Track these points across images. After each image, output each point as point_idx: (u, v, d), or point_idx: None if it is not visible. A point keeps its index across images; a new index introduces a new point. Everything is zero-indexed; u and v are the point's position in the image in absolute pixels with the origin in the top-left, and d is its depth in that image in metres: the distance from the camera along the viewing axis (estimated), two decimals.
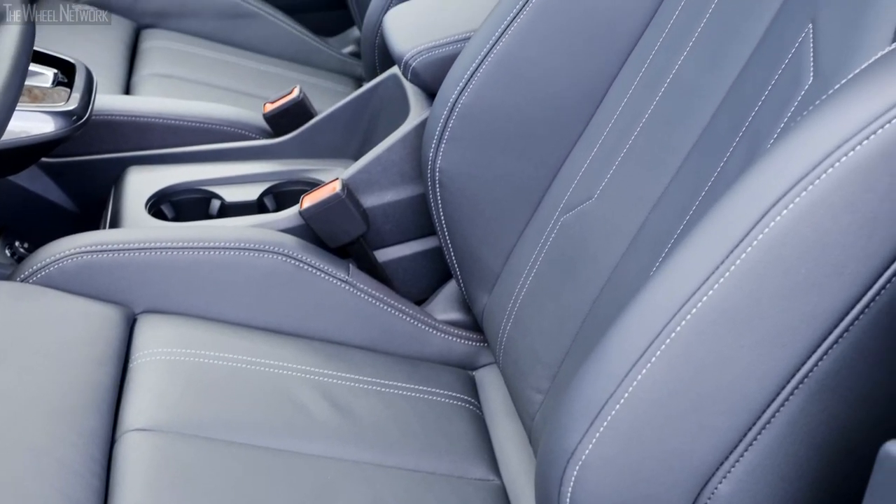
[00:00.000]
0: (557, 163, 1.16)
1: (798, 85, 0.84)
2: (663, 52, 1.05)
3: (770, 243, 0.68)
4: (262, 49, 1.95)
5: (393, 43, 1.33)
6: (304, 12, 2.16)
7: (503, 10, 1.16)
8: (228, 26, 1.94)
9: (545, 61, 1.15)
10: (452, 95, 1.17)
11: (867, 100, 0.68)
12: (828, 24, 0.84)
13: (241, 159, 1.46)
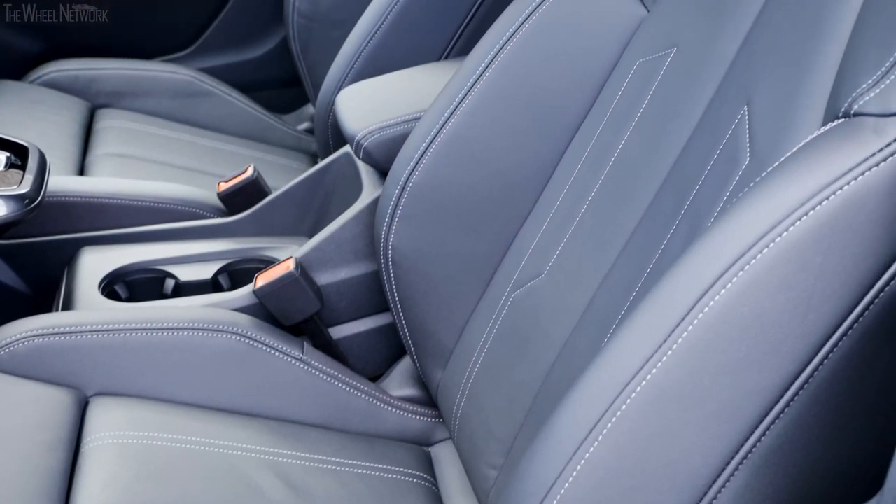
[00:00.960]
0: (508, 239, 1.18)
1: (735, 165, 0.86)
2: (608, 131, 1.08)
3: (710, 322, 0.70)
4: (217, 127, 1.97)
5: (345, 123, 1.36)
6: (260, 90, 2.19)
7: (452, 91, 1.18)
8: (184, 105, 1.96)
9: (494, 140, 1.17)
10: (404, 174, 1.19)
11: (798, 182, 0.70)
12: (762, 107, 0.86)
13: (195, 238, 1.46)
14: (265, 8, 2.17)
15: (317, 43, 1.99)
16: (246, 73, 2.20)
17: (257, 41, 2.21)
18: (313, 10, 1.96)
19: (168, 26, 2.17)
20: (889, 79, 0.70)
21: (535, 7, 1.16)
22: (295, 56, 2.02)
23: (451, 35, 1.53)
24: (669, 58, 1.03)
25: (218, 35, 2.18)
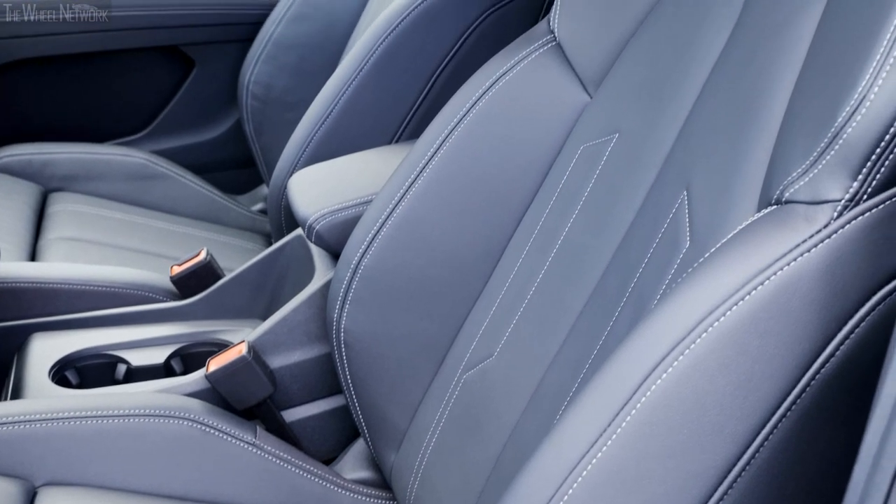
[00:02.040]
0: (459, 321, 1.19)
1: (676, 249, 0.89)
2: (554, 214, 1.10)
3: (654, 405, 0.71)
4: (171, 209, 1.98)
5: (297, 206, 1.37)
6: (214, 171, 2.20)
7: (402, 175, 1.20)
8: (138, 188, 1.96)
9: (443, 223, 1.19)
10: (355, 257, 1.20)
11: (734, 268, 0.72)
12: (700, 192, 0.89)
13: (148, 322, 1.46)
14: (219, 90, 2.20)
15: (270, 125, 2.01)
16: (200, 154, 2.22)
17: (211, 123, 2.23)
18: (266, 92, 1.98)
19: (122, 109, 2.18)
20: (817, 167, 0.73)
21: (483, 92, 1.19)
22: (249, 138, 2.04)
23: (401, 118, 1.56)
24: (612, 143, 1.06)
25: (172, 117, 2.20)
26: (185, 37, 2.13)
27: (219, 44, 2.16)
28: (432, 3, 1.50)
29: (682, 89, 0.98)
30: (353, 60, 1.55)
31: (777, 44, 0.85)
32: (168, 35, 2.11)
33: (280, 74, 1.97)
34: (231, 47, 2.15)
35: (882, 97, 0.69)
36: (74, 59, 2.09)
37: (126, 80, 2.15)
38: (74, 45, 2.06)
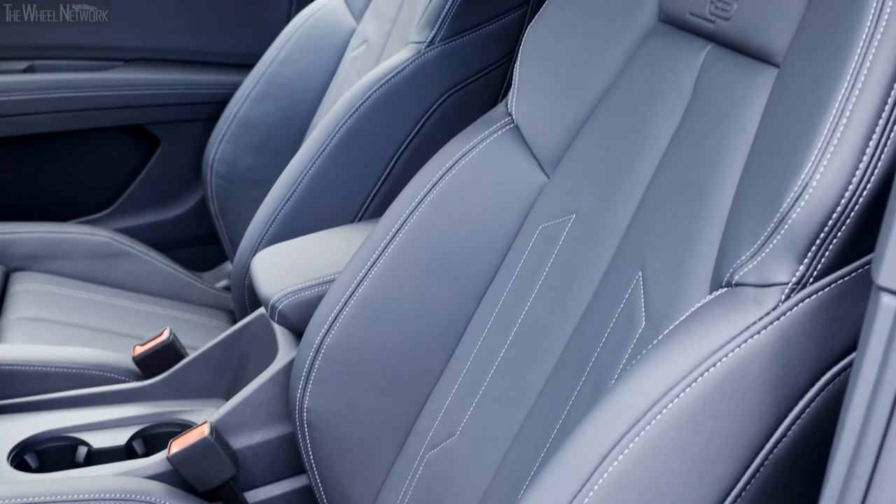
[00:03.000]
0: (421, 400, 1.19)
1: (633, 329, 0.90)
2: (514, 294, 1.12)
3: (609, 487, 0.72)
4: (135, 287, 1.97)
5: (260, 286, 1.38)
6: (178, 248, 2.20)
7: (364, 255, 1.21)
8: (101, 266, 1.96)
9: (405, 302, 1.20)
10: (317, 337, 1.21)
11: (687, 350, 0.74)
12: (655, 272, 0.91)
13: (109, 403, 1.45)
14: (184, 168, 2.21)
15: (235, 202, 2.02)
16: (165, 231, 2.22)
17: (176, 201, 2.24)
18: (231, 171, 2.00)
19: (87, 188, 2.19)
20: (765, 251, 0.75)
21: (443, 174, 1.21)
22: (213, 215, 2.05)
23: (363, 198, 1.58)
24: (569, 224, 1.08)
25: (137, 195, 2.21)
26: (151, 116, 2.14)
27: (184, 123, 2.18)
28: (394, 84, 1.53)
29: (636, 172, 1.01)
30: (316, 140, 1.57)
31: (725, 129, 0.88)
32: (134, 115, 2.13)
33: (244, 153, 1.99)
34: (196, 126, 2.18)
35: (824, 183, 0.72)
36: (39, 139, 2.10)
37: (91, 159, 2.16)
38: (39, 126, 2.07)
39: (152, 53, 2.16)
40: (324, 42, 1.97)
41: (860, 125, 0.71)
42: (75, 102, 2.08)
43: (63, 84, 2.07)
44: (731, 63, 0.92)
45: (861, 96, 0.71)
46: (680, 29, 1.02)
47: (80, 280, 1.94)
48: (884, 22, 0.72)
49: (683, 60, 0.99)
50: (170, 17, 2.16)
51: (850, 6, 0.74)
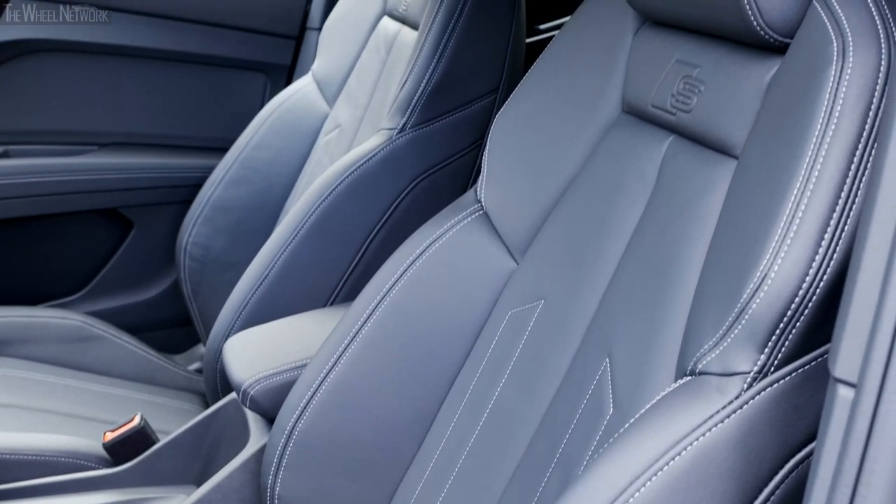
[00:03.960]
0: (393, 486, 1.19)
1: (601, 415, 0.91)
2: (483, 379, 1.13)
3: None
4: (106, 371, 1.96)
5: (232, 371, 1.38)
6: (151, 331, 2.20)
7: (335, 340, 1.22)
8: (72, 350, 1.95)
9: (376, 388, 1.20)
10: (289, 424, 1.21)
11: (652, 439, 0.75)
12: (621, 359, 0.92)
13: (78, 491, 1.43)
14: (157, 251, 2.22)
15: (208, 285, 2.02)
16: (137, 314, 2.22)
17: (149, 283, 2.24)
18: (204, 253, 2.01)
19: (59, 271, 2.18)
20: (726, 341, 0.76)
21: (414, 259, 1.22)
22: (186, 298, 2.05)
23: (336, 282, 1.59)
24: (538, 309, 1.09)
25: (110, 278, 2.21)
26: (125, 200, 2.16)
27: (158, 206, 2.19)
28: (366, 170, 1.55)
29: (602, 259, 1.02)
30: (289, 225, 1.59)
31: (687, 219, 0.90)
32: (108, 198, 2.14)
33: (218, 236, 2.00)
34: (170, 209, 2.19)
35: (782, 274, 0.74)
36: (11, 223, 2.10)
37: (64, 243, 2.16)
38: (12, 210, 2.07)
39: (127, 138, 2.18)
40: (297, 126, 2.00)
41: (815, 218, 0.73)
42: (49, 187, 2.09)
43: (37, 169, 2.08)
44: (693, 154, 0.95)
45: (815, 190, 0.73)
46: (643, 120, 1.05)
47: (51, 364, 1.92)
48: (835, 119, 0.74)
49: (646, 150, 1.02)
50: (145, 101, 2.18)
51: (802, 103, 0.77)
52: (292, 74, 2.25)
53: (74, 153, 2.14)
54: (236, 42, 2.19)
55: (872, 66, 0.75)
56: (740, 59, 0.91)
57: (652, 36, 1.06)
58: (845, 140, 0.74)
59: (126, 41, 2.11)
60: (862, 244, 0.64)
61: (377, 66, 1.82)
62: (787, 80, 0.82)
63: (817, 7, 0.80)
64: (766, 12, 0.83)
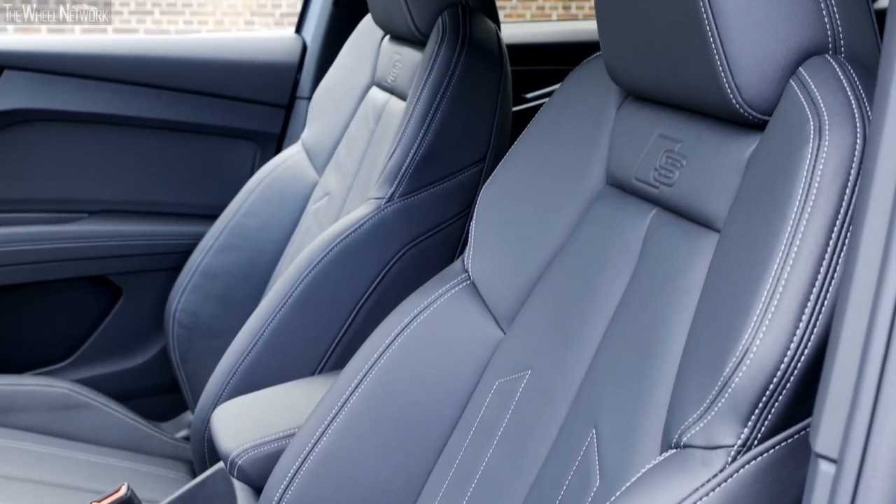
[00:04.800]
0: None
1: (588, 487, 0.91)
2: (471, 449, 1.13)
3: None
4: (93, 439, 1.95)
5: (219, 441, 1.37)
6: (138, 398, 2.19)
7: (323, 410, 1.22)
8: (59, 418, 1.94)
9: (364, 458, 1.20)
10: (277, 494, 1.20)
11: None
12: (608, 430, 0.93)
13: None
14: (146, 318, 2.22)
15: (196, 352, 2.02)
16: (125, 381, 2.21)
17: (137, 350, 2.23)
18: (193, 320, 2.01)
19: (46, 339, 2.18)
20: (710, 414, 0.77)
21: (402, 329, 1.23)
22: (174, 365, 2.05)
23: (324, 351, 1.60)
24: (525, 379, 1.10)
25: (97, 345, 2.20)
26: (114, 267, 2.16)
27: (147, 272, 2.19)
28: (354, 239, 1.57)
29: (588, 330, 1.03)
30: (278, 293, 1.59)
31: (671, 292, 0.92)
32: (97, 266, 2.14)
33: (206, 303, 2.00)
34: (159, 275, 2.19)
35: (764, 349, 0.75)
36: None
37: (51, 311, 2.16)
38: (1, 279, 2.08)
39: (117, 205, 2.20)
40: (287, 194, 2.02)
41: (795, 294, 0.75)
42: (38, 255, 2.09)
43: (27, 237, 2.09)
44: (676, 227, 0.97)
45: (795, 266, 0.75)
46: (627, 192, 1.06)
47: (38, 433, 1.91)
48: (813, 196, 0.76)
49: (631, 223, 1.03)
50: (136, 168, 2.20)
51: (781, 180, 0.79)
52: (282, 142, 2.28)
53: (64, 221, 2.15)
54: (227, 111, 2.21)
55: (848, 145, 0.77)
56: (721, 134, 0.93)
57: (635, 110, 1.08)
58: (823, 217, 0.75)
59: (118, 110, 2.13)
60: (840, 321, 0.65)
61: (366, 136, 1.84)
62: (766, 157, 0.84)
63: (794, 86, 0.83)
64: (745, 90, 0.86)
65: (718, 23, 0.84)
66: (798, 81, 0.83)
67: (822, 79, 0.81)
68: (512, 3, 10.02)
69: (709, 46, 0.86)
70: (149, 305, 2.21)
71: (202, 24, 9.34)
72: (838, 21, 0.84)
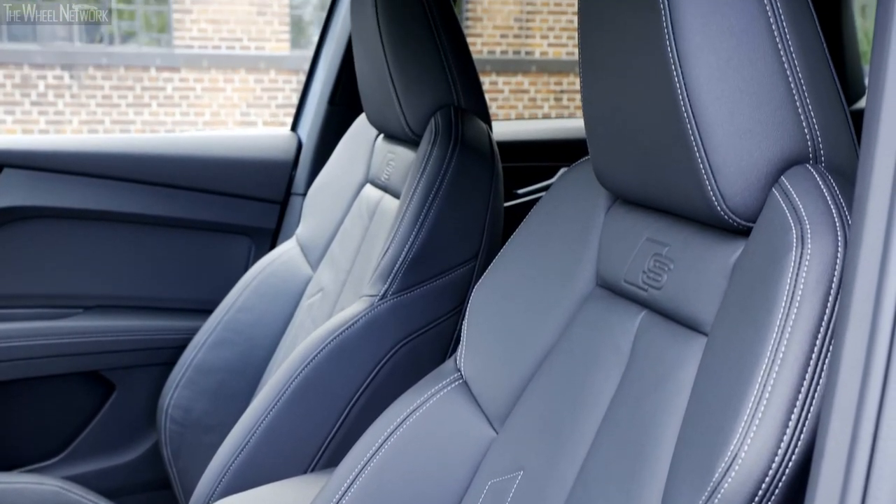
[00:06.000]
0: None
1: None
2: None
3: None
4: None
5: None
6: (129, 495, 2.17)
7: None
8: None
9: None
10: None
11: None
12: None
13: None
14: (138, 414, 2.21)
15: (188, 448, 2.02)
16: (116, 478, 2.20)
17: (128, 446, 2.22)
18: (186, 416, 2.01)
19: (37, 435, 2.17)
20: None
21: (395, 428, 1.23)
22: (166, 461, 2.04)
23: (317, 448, 1.59)
24: (517, 480, 1.10)
25: (89, 441, 2.19)
26: (108, 362, 2.16)
27: (140, 367, 2.20)
28: (348, 337, 1.58)
29: (579, 431, 1.04)
30: (272, 390, 1.60)
31: (661, 395, 0.93)
32: (90, 361, 2.15)
33: (200, 398, 2.00)
34: (152, 370, 2.20)
35: (752, 455, 0.76)
36: None
37: (42, 407, 2.16)
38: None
39: (112, 300, 2.21)
40: (281, 290, 2.03)
41: (782, 400, 0.76)
42: (32, 351, 2.10)
43: (21, 333, 2.09)
44: (665, 329, 0.98)
45: (780, 373, 0.76)
46: (616, 294, 1.08)
47: None
48: (797, 304, 0.78)
49: (620, 324, 1.05)
50: (131, 264, 2.22)
51: (765, 287, 0.81)
52: (277, 237, 2.30)
53: (60, 316, 2.16)
54: (223, 207, 2.24)
55: (830, 253, 0.79)
56: (707, 239, 0.95)
57: (623, 214, 1.10)
58: (807, 324, 0.77)
59: (115, 207, 2.16)
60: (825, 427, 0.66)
61: (360, 232, 1.87)
62: (751, 264, 0.86)
63: (777, 195, 0.85)
64: (729, 198, 0.88)
65: (702, 133, 0.87)
66: (780, 190, 0.85)
67: (804, 188, 0.83)
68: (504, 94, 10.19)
69: (693, 155, 0.88)
70: (141, 400, 2.21)
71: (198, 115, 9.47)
72: (818, 132, 0.87)
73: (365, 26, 1.74)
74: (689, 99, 0.87)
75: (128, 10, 9.28)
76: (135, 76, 9.19)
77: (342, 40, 2.29)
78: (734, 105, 0.86)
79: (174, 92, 9.38)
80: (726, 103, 0.86)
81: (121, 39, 9.31)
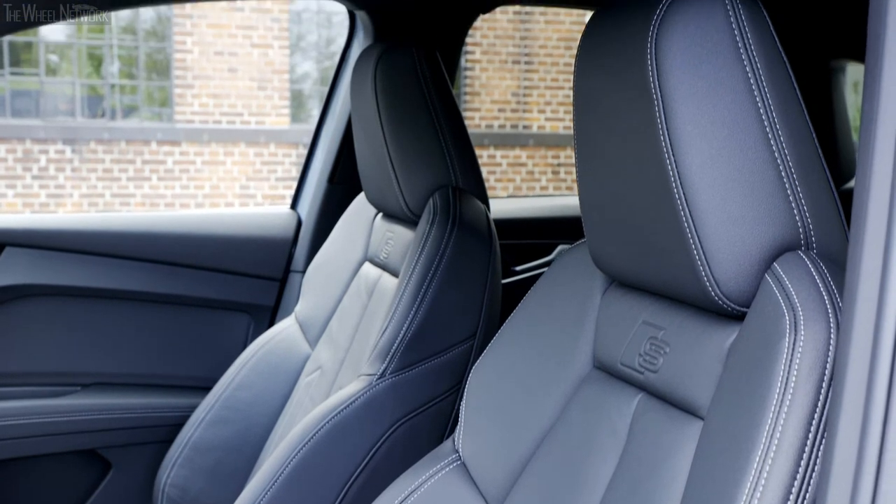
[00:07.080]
0: None
1: None
2: None
3: None
4: None
5: None
6: None
7: None
8: None
9: None
10: None
11: None
12: None
13: None
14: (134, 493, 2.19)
15: None
16: None
17: None
18: (182, 495, 1.99)
19: None
20: None
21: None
22: None
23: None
24: None
25: None
26: (104, 440, 2.15)
27: (137, 446, 2.18)
28: (346, 416, 1.58)
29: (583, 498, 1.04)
30: (269, 470, 1.59)
31: (657, 480, 0.93)
32: (87, 439, 2.14)
33: (197, 477, 1.99)
34: (149, 448, 2.18)
35: None
36: None
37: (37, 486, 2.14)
38: None
39: (110, 378, 2.21)
40: (279, 367, 2.04)
41: (777, 487, 0.76)
42: (28, 429, 2.09)
43: (17, 412, 2.08)
44: (661, 413, 0.99)
45: (776, 459, 0.77)
46: (613, 376, 1.09)
47: None
48: (791, 389, 0.78)
49: (617, 406, 1.05)
50: (130, 341, 2.22)
51: (759, 372, 0.82)
52: (275, 315, 2.31)
53: (57, 394, 2.15)
54: (222, 284, 2.26)
55: (823, 339, 0.80)
56: (702, 323, 0.96)
57: (619, 296, 1.11)
58: (802, 410, 0.78)
59: (115, 285, 2.17)
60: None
61: (358, 311, 1.88)
62: (745, 349, 0.87)
63: (770, 282, 0.86)
64: (723, 284, 0.89)
65: (696, 219, 0.89)
66: (773, 277, 0.86)
67: (796, 275, 0.85)
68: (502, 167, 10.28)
69: (687, 241, 0.90)
70: (138, 479, 2.19)
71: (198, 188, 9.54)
72: (809, 219, 0.89)
73: (364, 107, 1.77)
74: (682, 186, 0.89)
75: (130, 86, 9.40)
76: (135, 150, 9.28)
77: (342, 119, 2.33)
78: (727, 192, 0.88)
79: (174, 165, 9.46)
80: (719, 191, 0.88)
81: (122, 114, 9.42)
